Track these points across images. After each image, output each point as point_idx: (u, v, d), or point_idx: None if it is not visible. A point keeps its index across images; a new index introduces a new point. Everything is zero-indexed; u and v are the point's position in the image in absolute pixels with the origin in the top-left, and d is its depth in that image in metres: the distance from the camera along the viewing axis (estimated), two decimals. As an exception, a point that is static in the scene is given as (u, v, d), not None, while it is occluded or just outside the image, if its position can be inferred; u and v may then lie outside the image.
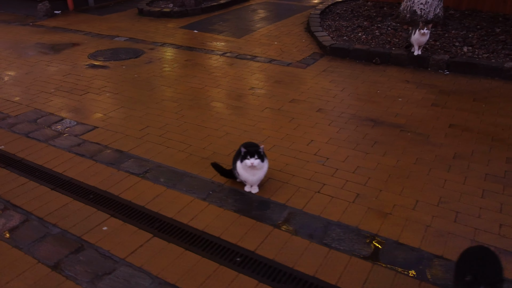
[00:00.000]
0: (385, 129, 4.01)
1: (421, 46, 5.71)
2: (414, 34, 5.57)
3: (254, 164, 2.81)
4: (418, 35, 5.50)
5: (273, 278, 2.34)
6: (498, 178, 3.23)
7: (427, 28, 5.37)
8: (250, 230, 2.69)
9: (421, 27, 5.39)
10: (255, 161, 2.81)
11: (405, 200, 2.98)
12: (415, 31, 5.53)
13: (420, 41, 5.59)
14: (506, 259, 2.46)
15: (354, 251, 2.52)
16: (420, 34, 5.43)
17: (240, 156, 2.85)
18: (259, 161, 2.82)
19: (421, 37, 5.50)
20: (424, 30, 5.37)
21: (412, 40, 5.66)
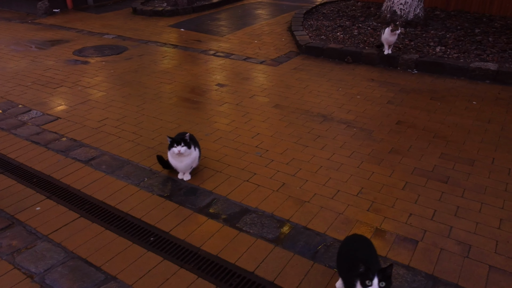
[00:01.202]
0: (332, 125, 4.14)
1: (391, 45, 5.80)
2: (384, 33, 5.68)
3: (181, 152, 2.99)
4: (387, 35, 5.62)
5: (178, 257, 2.51)
6: (425, 172, 3.34)
7: (396, 28, 5.49)
8: (170, 213, 2.87)
9: (392, 28, 5.51)
10: (182, 148, 2.99)
11: (326, 190, 3.12)
12: (385, 31, 5.64)
13: (390, 41, 5.70)
14: (404, 245, 2.58)
15: (262, 234, 2.67)
16: (390, 34, 5.56)
17: (168, 145, 3.03)
18: (185, 148, 3.00)
19: (391, 37, 5.62)
20: (394, 31, 5.50)
21: (382, 39, 5.77)
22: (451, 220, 2.79)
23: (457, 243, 2.59)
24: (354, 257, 1.99)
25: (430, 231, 2.69)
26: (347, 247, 2.12)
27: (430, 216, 2.83)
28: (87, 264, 2.44)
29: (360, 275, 1.85)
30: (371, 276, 1.82)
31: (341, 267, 2.12)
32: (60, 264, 2.44)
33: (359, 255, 2.01)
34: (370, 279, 1.82)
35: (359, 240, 2.15)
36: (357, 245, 2.11)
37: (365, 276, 1.83)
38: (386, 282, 1.82)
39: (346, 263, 2.04)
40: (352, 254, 2.05)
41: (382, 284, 1.81)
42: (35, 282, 2.32)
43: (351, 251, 2.08)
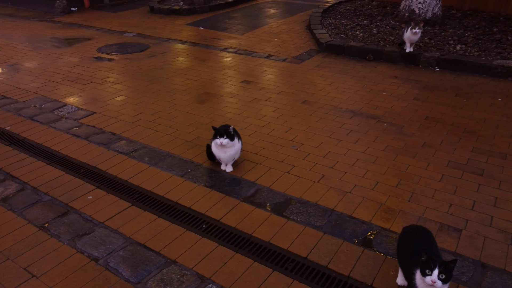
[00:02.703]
0: (362, 120, 4.24)
1: (412, 44, 5.88)
2: (406, 32, 5.75)
3: (224, 143, 3.10)
4: (409, 34, 5.69)
5: (232, 242, 2.61)
6: (460, 165, 3.44)
7: (418, 27, 5.55)
8: (218, 202, 2.98)
9: (412, 26, 5.58)
10: (224, 140, 3.10)
11: (366, 181, 3.22)
12: (407, 30, 5.70)
13: (412, 39, 5.78)
14: (448, 233, 2.68)
15: (309, 222, 2.78)
16: (412, 33, 5.63)
17: (212, 136, 3.13)
18: (228, 140, 3.10)
19: (413, 36, 5.69)
20: (415, 30, 5.56)
21: (404, 38, 5.85)
22: (491, 210, 2.88)
23: (499, 231, 2.69)
24: (416, 246, 2.02)
25: (472, 220, 2.79)
26: (408, 237, 2.15)
27: (470, 207, 2.92)
28: (146, 249, 2.55)
29: (421, 264, 1.88)
30: (432, 266, 1.84)
31: (402, 256, 2.14)
32: (120, 248, 2.55)
33: (421, 244, 2.04)
34: (430, 268, 1.85)
35: (419, 230, 2.18)
36: (418, 235, 2.14)
37: (426, 265, 1.85)
38: (446, 275, 1.84)
39: (408, 251, 2.06)
40: (414, 243, 2.07)
41: (442, 276, 1.84)
42: (100, 265, 2.42)
43: (413, 240, 2.11)
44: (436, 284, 1.86)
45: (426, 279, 1.87)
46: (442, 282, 1.86)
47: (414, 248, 2.04)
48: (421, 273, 1.89)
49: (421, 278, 1.90)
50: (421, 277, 1.90)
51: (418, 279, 1.93)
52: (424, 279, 1.88)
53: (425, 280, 1.88)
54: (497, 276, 2.34)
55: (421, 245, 2.05)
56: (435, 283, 1.86)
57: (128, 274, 2.35)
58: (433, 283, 1.86)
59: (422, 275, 1.89)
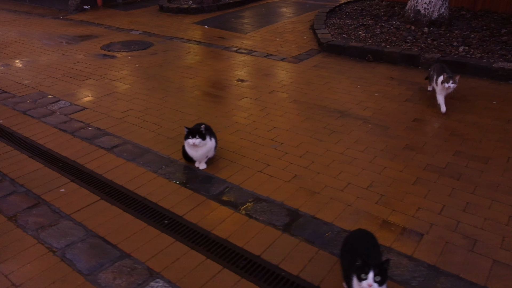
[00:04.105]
0: (349, 121, 4.20)
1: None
2: (436, 83, 4.29)
3: (196, 143, 3.13)
4: (440, 87, 4.22)
5: (190, 239, 2.64)
6: (438, 168, 3.37)
7: (452, 81, 4.07)
8: (185, 199, 3.01)
9: (444, 80, 4.08)
10: (196, 140, 3.13)
11: (337, 182, 3.19)
12: (437, 79, 4.25)
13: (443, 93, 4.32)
14: (409, 237, 2.63)
15: (271, 221, 2.78)
16: (443, 88, 4.15)
17: (184, 135, 3.17)
18: (200, 140, 3.13)
19: (444, 90, 4.24)
20: (448, 84, 4.08)
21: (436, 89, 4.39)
22: (459, 215, 2.82)
23: (464, 237, 2.63)
24: (354, 252, 2.03)
25: (436, 225, 2.73)
26: (349, 242, 2.16)
27: (439, 211, 2.87)
28: (105, 242, 2.60)
29: (356, 269, 1.88)
30: (366, 269, 1.84)
31: (342, 262, 2.16)
32: (80, 240, 2.61)
33: (359, 249, 2.05)
34: (366, 272, 1.84)
35: (361, 235, 2.18)
36: (359, 240, 2.14)
37: (361, 270, 1.85)
38: (381, 277, 1.84)
39: (347, 257, 2.08)
40: (353, 248, 2.08)
41: (378, 278, 1.84)
42: (56, 256, 2.49)
43: (352, 245, 2.11)
44: (373, 287, 1.83)
45: (363, 283, 1.86)
46: (378, 284, 1.85)
47: (353, 253, 2.02)
48: (357, 278, 1.88)
49: (358, 284, 1.88)
50: (358, 282, 1.88)
51: (356, 285, 1.92)
52: (361, 284, 1.87)
53: (361, 285, 1.86)
54: (450, 282, 2.29)
55: (360, 250, 2.04)
56: (371, 287, 1.83)
57: (81, 266, 2.41)
58: (369, 287, 1.84)
59: (358, 280, 1.88)
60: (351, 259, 1.98)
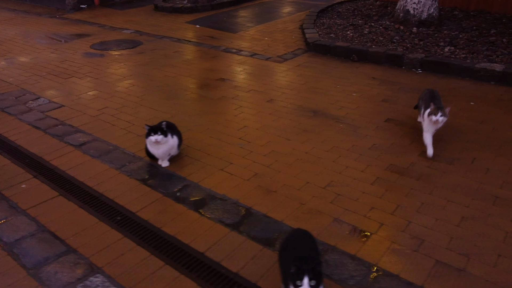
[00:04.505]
0: (321, 120, 4.19)
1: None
2: (423, 115, 3.62)
3: (158, 140, 3.16)
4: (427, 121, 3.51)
5: (139, 235, 2.66)
6: (401, 168, 3.36)
7: (442, 113, 3.37)
8: (141, 196, 3.04)
9: (432, 111, 3.41)
10: (159, 137, 3.15)
11: (296, 181, 3.19)
12: (424, 112, 3.58)
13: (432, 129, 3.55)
14: (356, 237, 2.63)
15: (221, 219, 2.79)
16: (431, 121, 3.45)
17: (146, 133, 3.19)
18: (162, 136, 3.16)
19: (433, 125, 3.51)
20: (435, 117, 3.38)
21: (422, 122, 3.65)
22: (412, 216, 2.80)
23: (411, 237, 2.62)
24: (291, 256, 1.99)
25: (386, 225, 2.72)
26: (287, 247, 2.11)
27: (392, 211, 2.85)
28: (54, 237, 2.64)
29: (291, 276, 1.86)
30: (301, 276, 1.82)
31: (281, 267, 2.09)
32: (30, 235, 2.65)
33: (296, 253, 2.01)
34: (300, 279, 1.82)
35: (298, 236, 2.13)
36: (296, 243, 2.09)
37: (296, 276, 1.83)
38: (316, 280, 1.83)
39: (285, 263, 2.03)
40: (290, 253, 2.04)
41: (313, 282, 1.82)
42: (3, 250, 2.53)
43: (290, 250, 2.07)
44: None
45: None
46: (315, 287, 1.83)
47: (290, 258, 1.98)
48: (293, 286, 1.85)
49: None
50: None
51: None
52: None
53: None
54: (387, 282, 2.28)
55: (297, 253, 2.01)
56: None
57: (26, 260, 2.45)
58: None
59: (294, 287, 1.84)
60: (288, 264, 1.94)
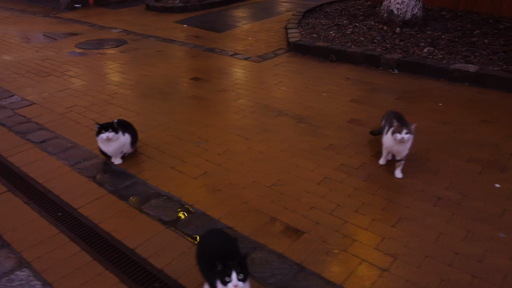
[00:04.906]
0: (284, 120, 4.20)
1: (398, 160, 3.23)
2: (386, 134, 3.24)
3: (110, 137, 3.20)
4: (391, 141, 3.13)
5: (75, 231, 2.70)
6: (350, 168, 3.36)
7: (407, 130, 3.01)
8: (87, 192, 3.08)
9: (396, 129, 3.05)
10: (109, 134, 3.20)
11: (243, 180, 3.21)
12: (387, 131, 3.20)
13: (393, 150, 3.20)
14: (289, 235, 2.64)
15: (160, 216, 2.82)
16: (395, 140, 3.07)
17: (96, 131, 3.24)
18: (113, 133, 3.20)
19: (396, 145, 3.11)
20: (400, 135, 3.01)
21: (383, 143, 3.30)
22: (349, 216, 2.81)
23: (343, 237, 2.62)
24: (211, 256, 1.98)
25: (322, 225, 2.73)
26: (204, 247, 2.10)
27: (331, 211, 2.86)
28: (-8, 232, 2.69)
29: (219, 274, 1.85)
30: (228, 272, 1.83)
31: (202, 269, 2.09)
32: (-31, 229, 2.71)
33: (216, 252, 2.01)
34: (228, 275, 1.83)
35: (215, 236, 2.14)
36: (213, 242, 2.10)
37: (224, 273, 1.83)
38: (244, 273, 1.85)
39: (206, 263, 2.03)
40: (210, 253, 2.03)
41: (241, 276, 1.84)
42: None
43: (208, 250, 2.06)
44: (239, 287, 1.84)
45: (228, 286, 1.83)
46: (242, 281, 1.85)
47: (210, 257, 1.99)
48: (222, 283, 1.85)
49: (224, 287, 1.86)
50: (224, 286, 1.85)
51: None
52: (227, 287, 1.84)
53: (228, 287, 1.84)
54: (306, 281, 2.29)
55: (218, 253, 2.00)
56: (237, 287, 1.83)
57: (-41, 253, 2.50)
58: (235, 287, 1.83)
59: (223, 284, 1.85)
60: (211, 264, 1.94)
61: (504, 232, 2.64)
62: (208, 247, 2.08)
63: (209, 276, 1.98)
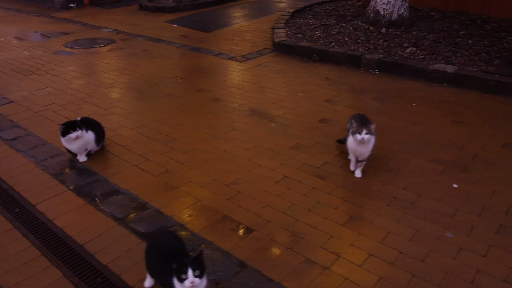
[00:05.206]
0: (255, 119, 4.23)
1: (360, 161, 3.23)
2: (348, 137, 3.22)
3: (79, 136, 3.26)
4: (352, 143, 3.12)
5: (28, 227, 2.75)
6: (312, 168, 3.37)
7: (367, 131, 2.99)
8: (48, 189, 3.13)
9: (356, 129, 3.03)
10: (78, 133, 3.25)
11: (202, 178, 3.24)
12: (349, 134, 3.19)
13: (357, 152, 3.17)
14: (235, 233, 2.66)
15: (114, 213, 2.86)
16: (356, 141, 3.05)
17: (61, 132, 3.28)
18: (80, 131, 3.26)
19: (358, 146, 3.10)
20: (360, 136, 2.99)
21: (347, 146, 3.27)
22: (302, 214, 2.82)
23: (292, 235, 2.64)
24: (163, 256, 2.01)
25: (273, 223, 2.75)
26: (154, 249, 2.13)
27: (284, 209, 2.88)
28: None
29: (175, 273, 1.87)
30: (184, 269, 1.85)
31: (154, 270, 2.11)
32: None
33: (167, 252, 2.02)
34: (185, 272, 1.85)
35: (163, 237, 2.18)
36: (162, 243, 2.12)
37: (180, 271, 1.85)
38: (200, 270, 1.87)
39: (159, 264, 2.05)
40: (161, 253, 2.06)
41: (197, 272, 1.86)
42: None
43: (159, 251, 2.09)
44: (195, 283, 1.86)
45: (185, 283, 1.85)
46: (199, 277, 1.87)
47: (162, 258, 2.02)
48: (179, 281, 1.87)
49: (181, 285, 1.88)
50: (181, 284, 1.87)
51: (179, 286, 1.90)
52: (183, 284, 1.86)
53: (185, 285, 1.86)
54: (246, 277, 2.32)
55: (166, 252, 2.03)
56: (194, 283, 1.86)
57: None
58: (192, 284, 1.85)
59: (180, 282, 1.87)
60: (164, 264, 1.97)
61: (452, 232, 2.64)
62: (158, 248, 2.11)
63: (163, 276, 2.00)
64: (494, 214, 2.79)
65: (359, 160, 3.23)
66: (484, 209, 2.85)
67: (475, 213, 2.81)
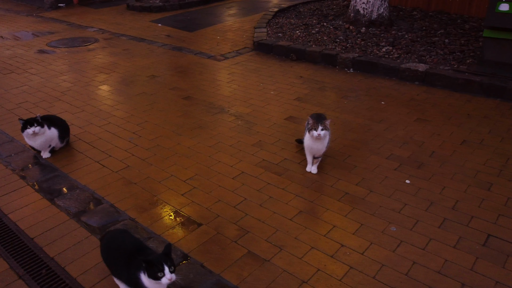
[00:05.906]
0: (222, 117, 4.28)
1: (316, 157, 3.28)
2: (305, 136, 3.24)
3: (36, 131, 3.31)
4: (309, 140, 3.15)
5: (-14, 221, 2.81)
6: (270, 164, 3.42)
7: (322, 126, 3.02)
8: (8, 185, 3.19)
9: (312, 126, 3.06)
10: (35, 128, 3.30)
11: (162, 174, 3.30)
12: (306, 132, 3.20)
13: (313, 149, 3.19)
14: (185, 227, 2.72)
15: (68, 208, 2.92)
16: (313, 137, 3.08)
17: (21, 127, 3.34)
18: (39, 128, 3.31)
19: (315, 143, 3.13)
20: (316, 132, 3.02)
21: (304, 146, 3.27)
22: (252, 209, 2.88)
23: (239, 229, 2.69)
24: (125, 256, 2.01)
25: (222, 216, 2.81)
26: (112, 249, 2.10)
27: (236, 204, 2.93)
28: None
29: (148, 271, 1.86)
30: (160, 267, 1.83)
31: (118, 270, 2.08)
32: None
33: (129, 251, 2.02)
34: (161, 269, 1.84)
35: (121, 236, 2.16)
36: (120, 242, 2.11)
37: (156, 268, 1.84)
38: (173, 265, 1.89)
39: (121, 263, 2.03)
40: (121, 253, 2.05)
41: (172, 268, 1.88)
42: None
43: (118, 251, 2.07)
44: (172, 278, 1.88)
45: (163, 280, 1.86)
46: (173, 272, 1.89)
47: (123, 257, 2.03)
48: (154, 279, 1.87)
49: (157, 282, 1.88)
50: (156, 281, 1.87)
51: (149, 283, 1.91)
52: (161, 281, 1.86)
53: (162, 282, 1.86)
54: (187, 270, 2.37)
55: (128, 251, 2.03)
56: (172, 279, 1.88)
57: None
58: (170, 280, 1.87)
59: (156, 279, 1.86)
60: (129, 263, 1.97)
61: (396, 226, 2.69)
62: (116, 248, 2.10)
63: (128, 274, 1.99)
64: (440, 209, 2.84)
65: (315, 157, 3.28)
66: (432, 204, 2.90)
67: (422, 208, 2.86)
